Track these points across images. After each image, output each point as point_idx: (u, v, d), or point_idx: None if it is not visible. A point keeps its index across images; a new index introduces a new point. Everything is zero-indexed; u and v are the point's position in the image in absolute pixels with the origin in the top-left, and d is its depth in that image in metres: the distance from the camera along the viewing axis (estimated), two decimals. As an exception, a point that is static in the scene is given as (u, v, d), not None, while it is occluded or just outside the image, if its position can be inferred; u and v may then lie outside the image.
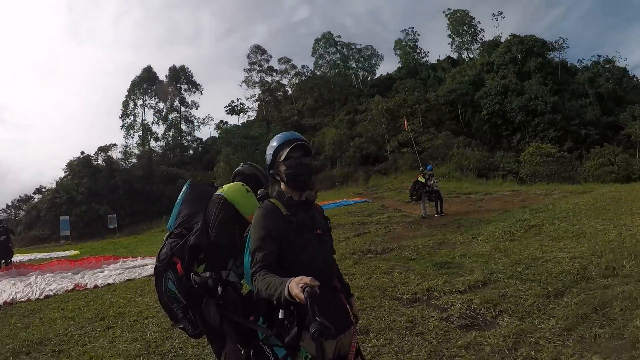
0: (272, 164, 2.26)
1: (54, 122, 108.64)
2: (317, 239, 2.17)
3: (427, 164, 19.99)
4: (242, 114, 63.41)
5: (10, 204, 49.27)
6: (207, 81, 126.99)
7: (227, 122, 60.78)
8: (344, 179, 39.17)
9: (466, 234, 10.44)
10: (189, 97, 66.41)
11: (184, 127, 65.28)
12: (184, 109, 65.61)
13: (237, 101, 60.71)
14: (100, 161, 48.82)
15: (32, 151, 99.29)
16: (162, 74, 65.50)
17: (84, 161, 46.73)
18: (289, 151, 2.17)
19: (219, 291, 2.32)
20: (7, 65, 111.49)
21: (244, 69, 70.58)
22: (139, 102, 61.82)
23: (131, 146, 58.58)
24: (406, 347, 4.14)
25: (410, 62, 70.13)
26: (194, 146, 65.06)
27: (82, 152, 47.65)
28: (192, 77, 67.20)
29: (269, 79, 71.49)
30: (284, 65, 72.64)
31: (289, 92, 73.22)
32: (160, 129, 63.39)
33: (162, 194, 45.47)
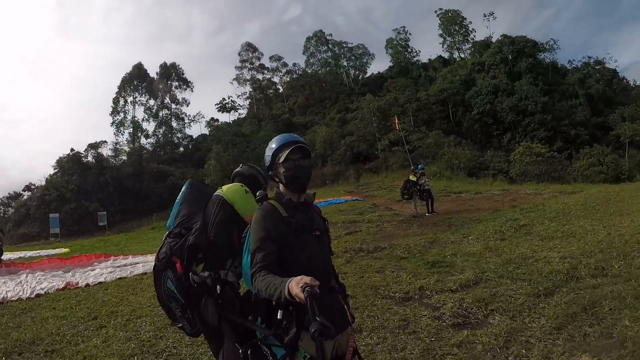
0: (271, 165, 2.28)
1: (44, 118, 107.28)
2: (315, 240, 2.19)
3: (419, 163, 20.10)
4: (233, 112, 62.82)
5: (-2, 201, 48.68)
6: (198, 78, 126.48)
7: (217, 120, 60.44)
8: (334, 177, 39.17)
9: (457, 233, 10.46)
10: (180, 94, 66.04)
11: (174, 124, 64.97)
12: (174, 106, 65.21)
13: (228, 99, 60.20)
14: (90, 158, 48.42)
15: (22, 148, 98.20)
16: (152, 70, 65.04)
17: (73, 158, 46.27)
18: (288, 153, 2.18)
19: (218, 290, 2.34)
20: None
21: (235, 67, 70.34)
22: (130, 99, 61.16)
23: (121, 143, 58.08)
24: (399, 346, 4.17)
25: (401, 61, 70.30)
26: (185, 143, 64.72)
27: (71, 149, 47.32)
28: (183, 74, 66.73)
29: (260, 77, 71.29)
30: (275, 63, 72.52)
31: (280, 90, 73.04)
32: (150, 126, 63.01)
33: (152, 192, 45.36)
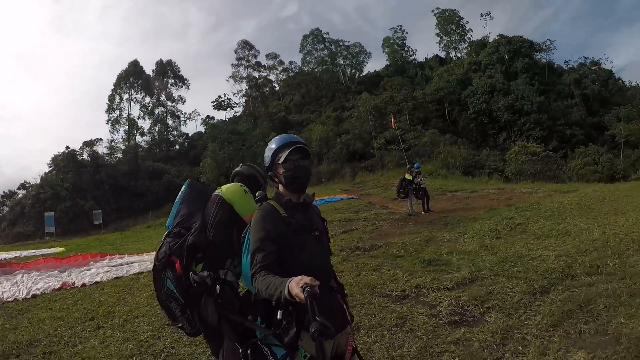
0: (271, 166, 2.28)
1: (39, 115, 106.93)
2: (315, 240, 2.19)
3: (414, 162, 20.16)
4: (228, 110, 63.17)
5: (-7, 200, 48.37)
6: (194, 76, 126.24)
7: (213, 118, 60.67)
8: (330, 175, 39.24)
9: (453, 231, 10.47)
10: (176, 92, 66.07)
11: (170, 122, 64.87)
12: (170, 104, 65.24)
13: (224, 96, 60.36)
14: (85, 156, 48.30)
15: (17, 145, 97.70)
16: (148, 68, 64.86)
17: (68, 156, 46.13)
18: (287, 154, 2.18)
19: (217, 290, 2.35)
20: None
21: (232, 64, 70.58)
22: (125, 96, 61.03)
23: (117, 141, 58.08)
24: (397, 344, 4.18)
25: (398, 60, 70.56)
26: (180, 141, 64.77)
27: (67, 147, 47.24)
28: (179, 71, 66.72)
29: (257, 75, 71.53)
30: (271, 61, 72.80)
31: (276, 88, 73.22)
32: (146, 124, 62.89)
33: (148, 190, 45.26)
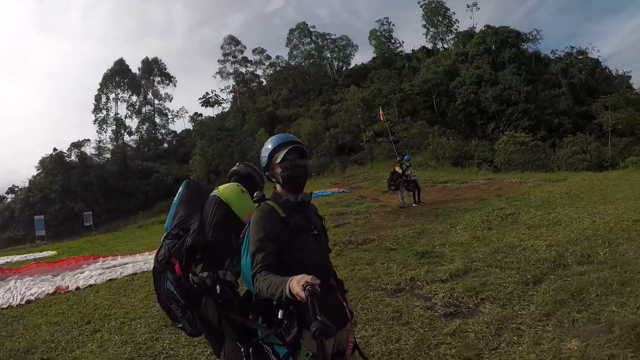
0: (268, 166, 2.29)
1: (25, 118, 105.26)
2: (313, 239, 2.20)
3: (404, 154, 20.20)
4: (216, 106, 62.77)
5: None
6: (181, 73, 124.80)
7: (201, 115, 60.26)
8: (320, 169, 39.18)
9: (444, 223, 10.51)
10: (163, 90, 65.68)
11: (157, 120, 64.56)
12: (157, 102, 64.87)
13: (212, 93, 59.93)
14: (73, 157, 47.71)
15: (3, 149, 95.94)
16: (134, 66, 64.46)
17: (56, 158, 45.56)
18: (285, 153, 2.19)
19: (218, 290, 2.37)
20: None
21: (218, 60, 70.39)
22: (112, 95, 60.48)
23: (104, 141, 57.52)
24: (394, 337, 4.21)
25: (385, 52, 70.63)
26: (169, 139, 64.40)
27: (54, 149, 46.71)
28: (165, 69, 66.33)
29: (243, 70, 71.29)
30: (258, 56, 72.53)
31: (264, 83, 72.95)
32: (133, 123, 62.50)
33: (137, 189, 44.95)
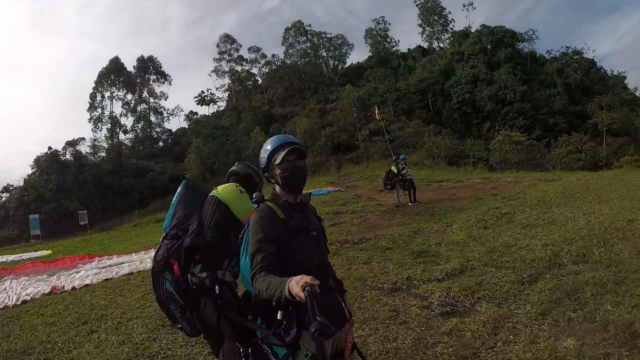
0: (267, 166, 2.30)
1: (20, 116, 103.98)
2: (312, 240, 2.21)
3: (400, 153, 20.21)
4: (212, 105, 62.40)
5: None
6: (176, 71, 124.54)
7: (197, 113, 59.85)
8: (316, 168, 39.06)
9: (440, 222, 10.55)
10: (158, 88, 65.20)
11: (153, 118, 64.03)
12: (152, 100, 64.28)
13: (207, 91, 59.65)
14: (68, 156, 47.29)
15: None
16: (130, 64, 63.81)
17: (51, 157, 45.20)
18: (284, 155, 2.20)
19: (217, 291, 2.37)
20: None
21: (214, 59, 69.85)
22: (107, 94, 59.85)
23: (99, 139, 56.72)
24: (391, 336, 4.22)
25: (380, 51, 70.46)
26: (164, 138, 63.86)
27: (49, 148, 46.24)
28: (160, 67, 65.72)
29: (239, 69, 70.89)
30: (254, 54, 72.29)
31: (259, 82, 72.67)
32: (129, 121, 61.98)
33: (133, 188, 44.79)
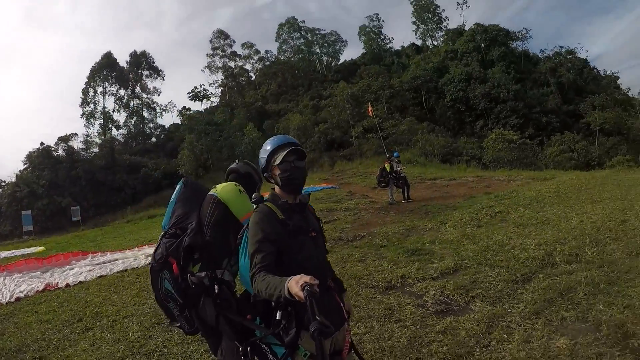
0: (266, 167, 2.30)
1: (11, 111, 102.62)
2: (311, 241, 2.22)
3: (394, 151, 20.27)
4: (205, 100, 61.95)
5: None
6: (169, 67, 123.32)
7: (190, 109, 59.06)
8: (309, 164, 38.83)
9: (434, 220, 10.57)
10: (151, 83, 64.50)
11: (146, 114, 63.39)
12: (145, 96, 63.69)
13: (200, 87, 59.22)
14: (60, 152, 46.89)
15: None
16: (122, 59, 63.17)
17: (43, 152, 44.87)
18: (284, 155, 2.20)
19: (216, 290, 2.38)
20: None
21: (207, 54, 69.02)
22: (99, 89, 59.20)
23: (92, 135, 56.19)
24: (386, 334, 4.25)
25: (374, 48, 70.32)
26: (157, 133, 63.44)
27: (41, 143, 45.92)
28: (153, 62, 65.06)
29: (232, 64, 70.32)
30: (247, 50, 71.77)
31: (253, 78, 72.33)
32: (121, 117, 61.26)
33: (126, 184, 44.54)
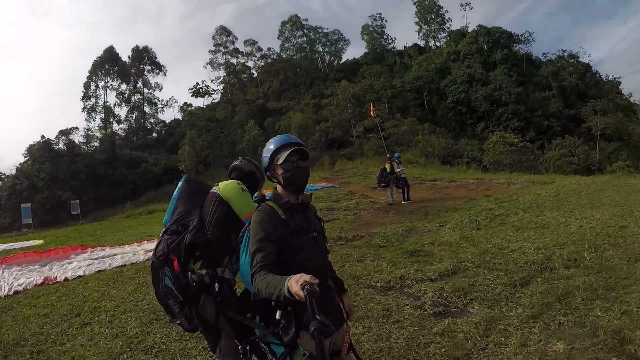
0: (269, 166, 2.30)
1: (12, 103, 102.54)
2: (312, 241, 2.22)
3: (395, 151, 20.28)
4: (206, 97, 61.80)
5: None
6: (171, 62, 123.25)
7: (191, 105, 59.10)
8: (309, 163, 39.09)
9: (433, 221, 10.55)
10: (152, 79, 64.57)
11: (147, 109, 63.49)
12: (147, 91, 63.81)
13: (202, 83, 59.13)
14: (61, 145, 46.81)
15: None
16: (124, 54, 63.18)
17: (44, 145, 44.76)
18: (287, 155, 2.21)
19: (216, 288, 2.39)
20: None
21: (209, 51, 69.25)
22: (101, 83, 59.08)
23: (93, 129, 56.13)
24: (384, 335, 4.25)
25: (377, 48, 70.46)
26: (158, 129, 63.48)
27: (42, 136, 45.79)
28: (155, 58, 65.07)
29: (235, 61, 70.39)
30: (249, 47, 71.88)
31: (255, 75, 72.30)
32: (122, 112, 61.33)
33: (126, 179, 44.51)
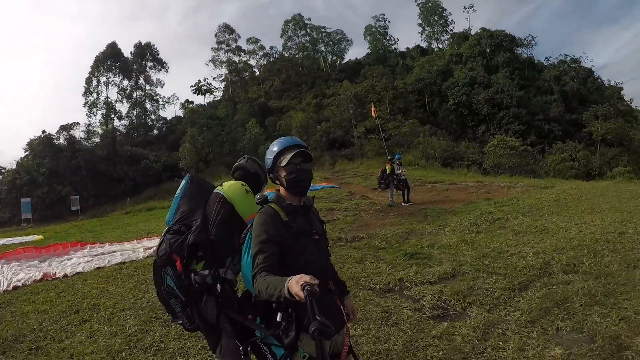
0: (272, 168, 2.30)
1: (13, 98, 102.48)
2: (314, 244, 2.22)
3: (396, 153, 20.31)
4: (208, 94, 61.75)
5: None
6: (173, 59, 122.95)
7: (192, 102, 59.03)
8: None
9: (433, 224, 10.58)
10: (154, 75, 64.40)
11: (148, 105, 63.24)
12: (148, 87, 63.59)
13: (204, 81, 59.06)
14: (62, 140, 46.55)
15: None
16: (127, 50, 63.17)
17: (45, 140, 44.52)
18: (290, 157, 2.20)
19: (218, 289, 2.39)
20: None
21: (212, 48, 68.79)
22: (103, 79, 59.17)
23: (94, 125, 56.11)
24: (383, 337, 4.26)
25: (379, 49, 70.37)
26: (159, 126, 63.28)
27: (43, 131, 45.50)
28: (157, 54, 64.95)
29: (237, 59, 70.04)
30: (252, 45, 71.53)
31: (257, 73, 72.13)
32: (124, 108, 61.28)
33: (126, 175, 44.41)
